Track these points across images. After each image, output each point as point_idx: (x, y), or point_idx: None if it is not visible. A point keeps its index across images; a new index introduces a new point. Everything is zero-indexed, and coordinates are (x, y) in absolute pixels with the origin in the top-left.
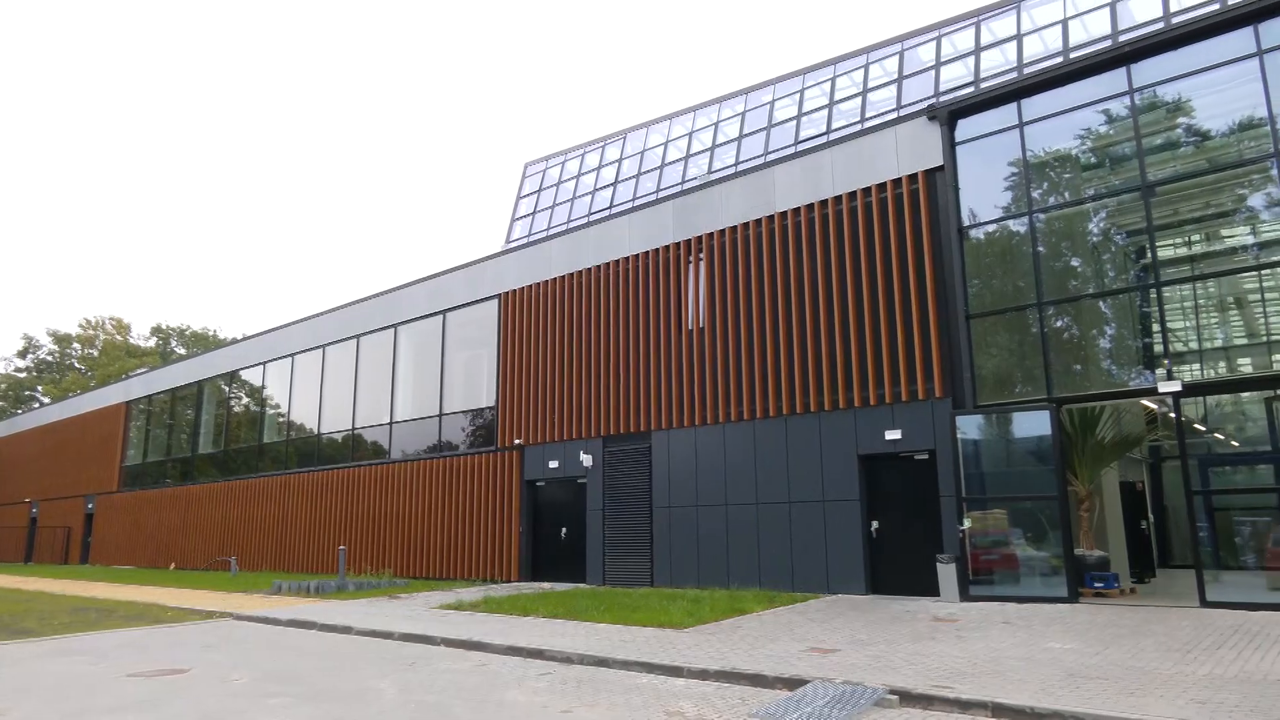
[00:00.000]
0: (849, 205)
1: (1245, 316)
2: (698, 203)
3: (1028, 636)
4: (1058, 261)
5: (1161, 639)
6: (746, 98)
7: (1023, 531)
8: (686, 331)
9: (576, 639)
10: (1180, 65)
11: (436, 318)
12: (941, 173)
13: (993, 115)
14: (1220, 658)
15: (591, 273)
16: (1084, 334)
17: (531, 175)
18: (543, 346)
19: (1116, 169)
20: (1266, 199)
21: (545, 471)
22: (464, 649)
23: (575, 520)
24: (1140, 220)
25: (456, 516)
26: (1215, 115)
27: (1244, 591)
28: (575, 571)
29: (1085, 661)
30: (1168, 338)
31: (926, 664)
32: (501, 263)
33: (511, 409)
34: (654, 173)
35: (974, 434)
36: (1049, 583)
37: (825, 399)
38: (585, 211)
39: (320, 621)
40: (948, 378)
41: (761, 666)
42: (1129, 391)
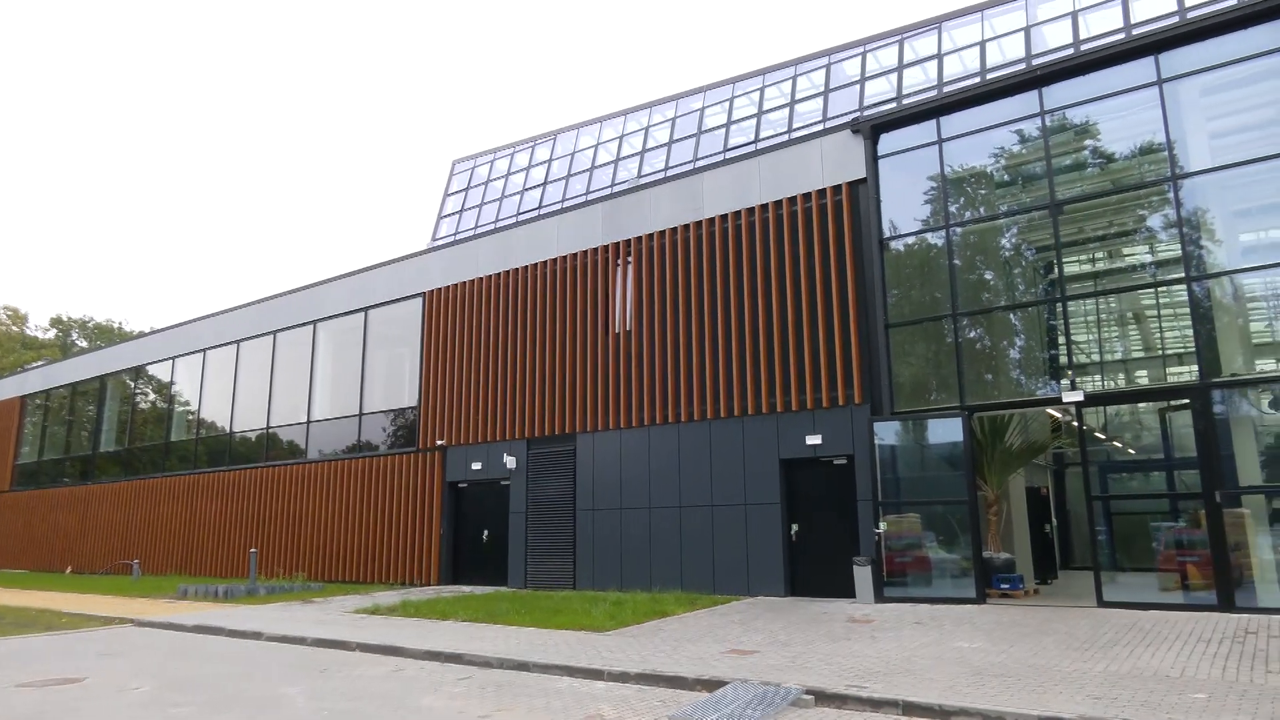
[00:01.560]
0: (775, 214)
1: (1143, 331)
2: (627, 206)
3: (938, 636)
4: (972, 274)
5: (1062, 637)
6: (677, 104)
7: (935, 535)
8: (614, 334)
9: (496, 642)
10: (1088, 90)
11: (358, 315)
12: (864, 185)
13: (914, 131)
14: (1115, 655)
15: (519, 273)
16: (995, 345)
17: (460, 173)
18: (468, 346)
19: (1028, 187)
20: (1164, 220)
21: (468, 473)
22: (380, 654)
23: (498, 522)
24: (1049, 237)
25: (375, 518)
26: (1119, 139)
27: (1137, 592)
28: (497, 574)
29: (991, 660)
30: (1072, 350)
31: (842, 664)
32: (427, 260)
33: (434, 409)
34: (584, 175)
35: (891, 440)
36: (959, 584)
37: (749, 403)
38: (514, 211)
39: (228, 627)
40: (867, 385)
41: (682, 668)
42: (1036, 400)
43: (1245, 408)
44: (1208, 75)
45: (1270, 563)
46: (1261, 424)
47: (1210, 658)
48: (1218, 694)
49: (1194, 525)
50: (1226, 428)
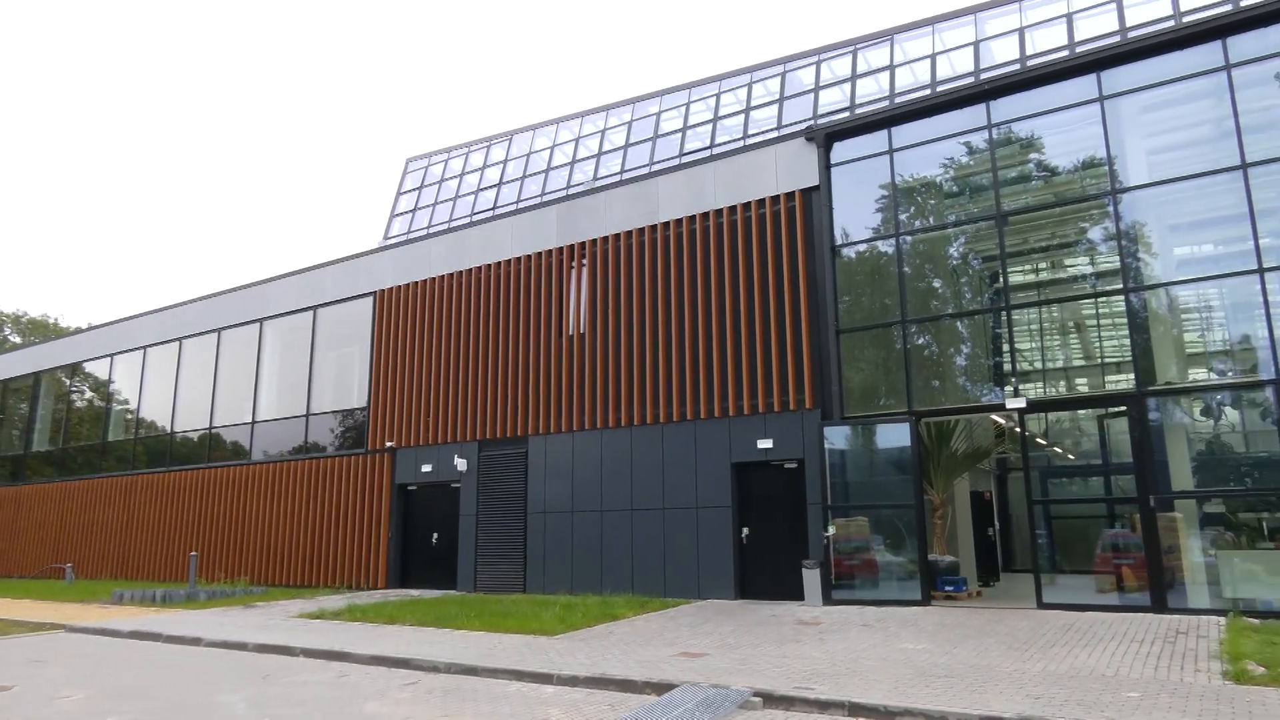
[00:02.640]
0: (729, 219)
1: (1083, 340)
2: (582, 208)
3: (884, 638)
4: (921, 282)
5: (1003, 638)
6: (634, 107)
7: (883, 538)
8: (567, 337)
9: (444, 647)
10: (1033, 105)
11: (306, 313)
12: (817, 192)
13: (866, 140)
14: (1053, 655)
15: (472, 274)
16: (943, 351)
17: (413, 171)
18: (419, 347)
19: (975, 197)
20: (1104, 233)
21: (418, 475)
22: (325, 659)
23: (447, 525)
24: (995, 247)
25: (321, 521)
26: (1062, 153)
27: (1075, 594)
28: (446, 578)
29: (935, 660)
30: (1015, 357)
31: (790, 666)
32: (378, 259)
33: (384, 410)
34: (539, 176)
35: (840, 444)
36: (905, 586)
37: (701, 407)
38: (468, 211)
39: (166, 633)
40: (818, 389)
41: (631, 672)
42: (981, 407)
43: (1179, 415)
44: (1146, 94)
45: (1200, 565)
46: (1194, 431)
47: (1143, 657)
48: (1149, 693)
49: (1130, 529)
50: (1161, 434)
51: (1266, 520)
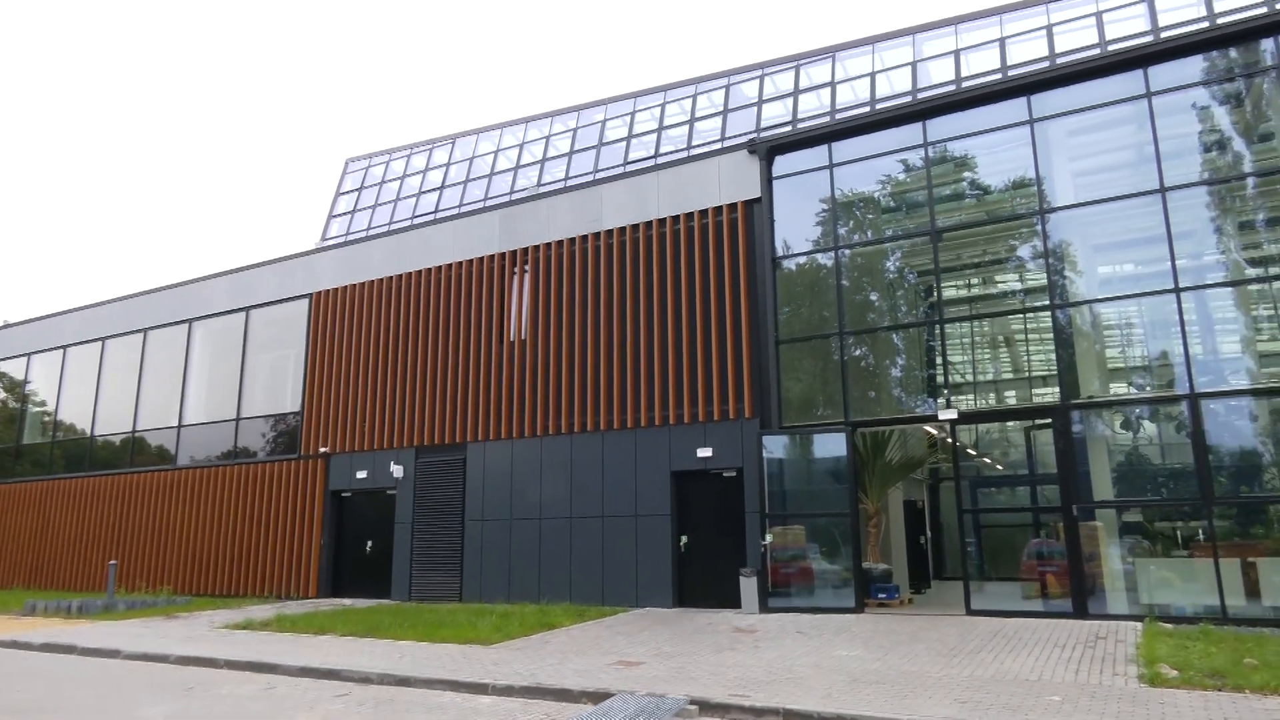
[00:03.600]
0: (672, 228)
1: (1012, 354)
2: (525, 214)
3: (819, 645)
4: (859, 295)
5: (933, 644)
6: (579, 114)
7: (818, 546)
8: (508, 343)
9: (377, 657)
10: (967, 125)
11: (239, 314)
12: (759, 204)
13: (807, 154)
14: (980, 660)
15: (412, 277)
16: (879, 363)
17: (353, 172)
18: (356, 351)
19: (911, 214)
20: (1032, 250)
21: (352, 482)
22: (251, 671)
23: (382, 533)
24: (929, 262)
25: (251, 528)
26: (994, 172)
27: (1002, 600)
28: (380, 587)
29: (868, 667)
30: (948, 370)
31: (726, 674)
32: (316, 260)
33: (319, 415)
34: (482, 181)
35: (779, 453)
36: (839, 594)
37: (642, 415)
38: (409, 214)
39: (82, 645)
40: (757, 399)
41: (568, 681)
42: (915, 418)
43: (1100, 428)
44: (1073, 118)
45: (1119, 572)
46: (1114, 443)
47: (1065, 662)
48: (1070, 696)
49: (1054, 538)
50: (1084, 446)
51: (1180, 529)
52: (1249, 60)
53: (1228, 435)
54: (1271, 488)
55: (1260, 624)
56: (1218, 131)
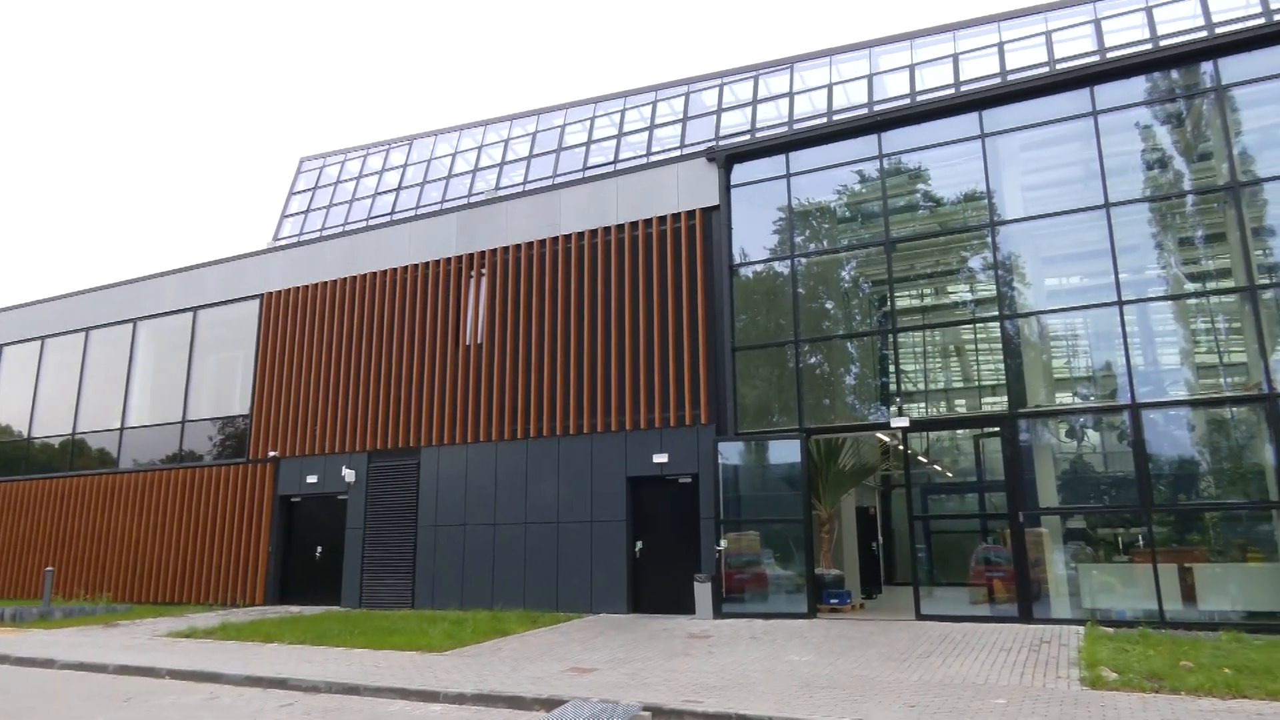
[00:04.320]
0: (631, 234)
1: (963, 363)
2: (483, 217)
3: (771, 650)
4: (814, 303)
5: (884, 649)
6: (539, 118)
7: (772, 552)
8: (464, 347)
9: (325, 666)
10: (921, 138)
11: (186, 314)
12: (717, 212)
13: (765, 163)
14: (929, 665)
15: (366, 279)
16: (833, 371)
17: (307, 171)
18: (308, 353)
19: (866, 224)
20: (983, 262)
21: (302, 486)
22: (193, 681)
23: (333, 539)
24: (883, 272)
25: (196, 534)
26: (947, 185)
27: (951, 605)
28: (329, 594)
29: (820, 672)
30: (900, 378)
31: (680, 680)
32: (267, 260)
33: (268, 418)
34: (440, 183)
35: (734, 459)
36: (792, 599)
37: (599, 421)
38: (364, 215)
39: (15, 654)
40: (713, 405)
41: (521, 688)
42: (868, 425)
43: (1046, 436)
44: (1023, 133)
45: (1063, 577)
46: (1059, 451)
47: (1011, 665)
48: (1015, 699)
49: (1001, 544)
50: (1030, 454)
51: (1122, 535)
52: (1190, 82)
53: (1167, 444)
54: (1207, 495)
55: (1196, 627)
56: (1160, 150)
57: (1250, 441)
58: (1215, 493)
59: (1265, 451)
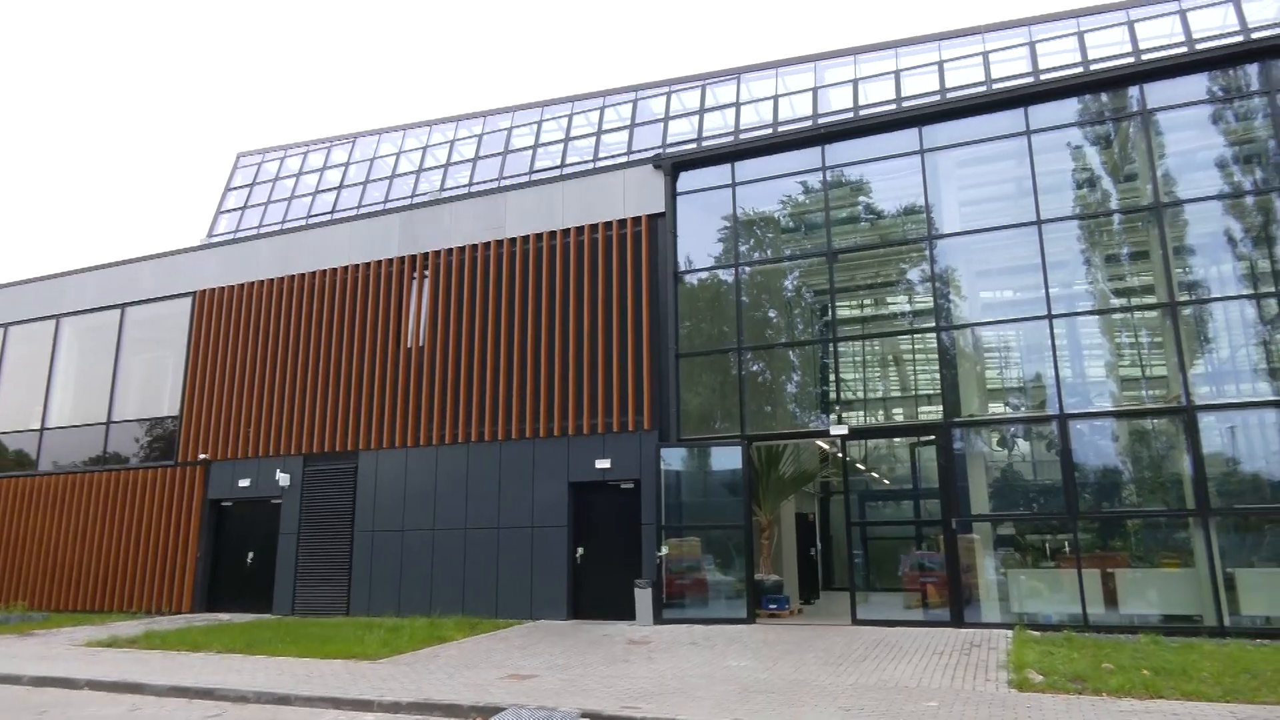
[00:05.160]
0: (576, 239)
1: (900, 373)
2: (427, 218)
3: (710, 656)
4: (758, 312)
5: (820, 653)
6: (485, 120)
7: (713, 558)
8: (405, 349)
9: (255, 675)
10: (864, 151)
11: (113, 311)
12: (663, 219)
13: (711, 172)
14: (864, 668)
15: (305, 278)
16: (775, 379)
17: (245, 167)
18: (242, 353)
19: (809, 234)
20: (921, 274)
21: (234, 490)
22: (114, 692)
23: (266, 544)
24: (825, 282)
25: (120, 539)
26: (888, 198)
27: (886, 610)
28: (261, 601)
29: (757, 677)
30: (840, 387)
31: (619, 686)
32: (201, 258)
33: (199, 420)
34: (382, 183)
35: (676, 465)
36: (732, 605)
37: (541, 426)
38: (303, 213)
39: None
40: (656, 411)
41: (458, 696)
42: (808, 432)
43: (979, 445)
44: (961, 150)
45: (993, 582)
46: (991, 460)
47: (942, 668)
48: (946, 701)
49: (935, 549)
50: (964, 462)
51: (1049, 542)
52: (1118, 105)
53: (1092, 454)
54: (1129, 503)
55: (1117, 630)
56: (1089, 170)
57: (1169, 452)
58: (1136, 501)
59: (1183, 461)
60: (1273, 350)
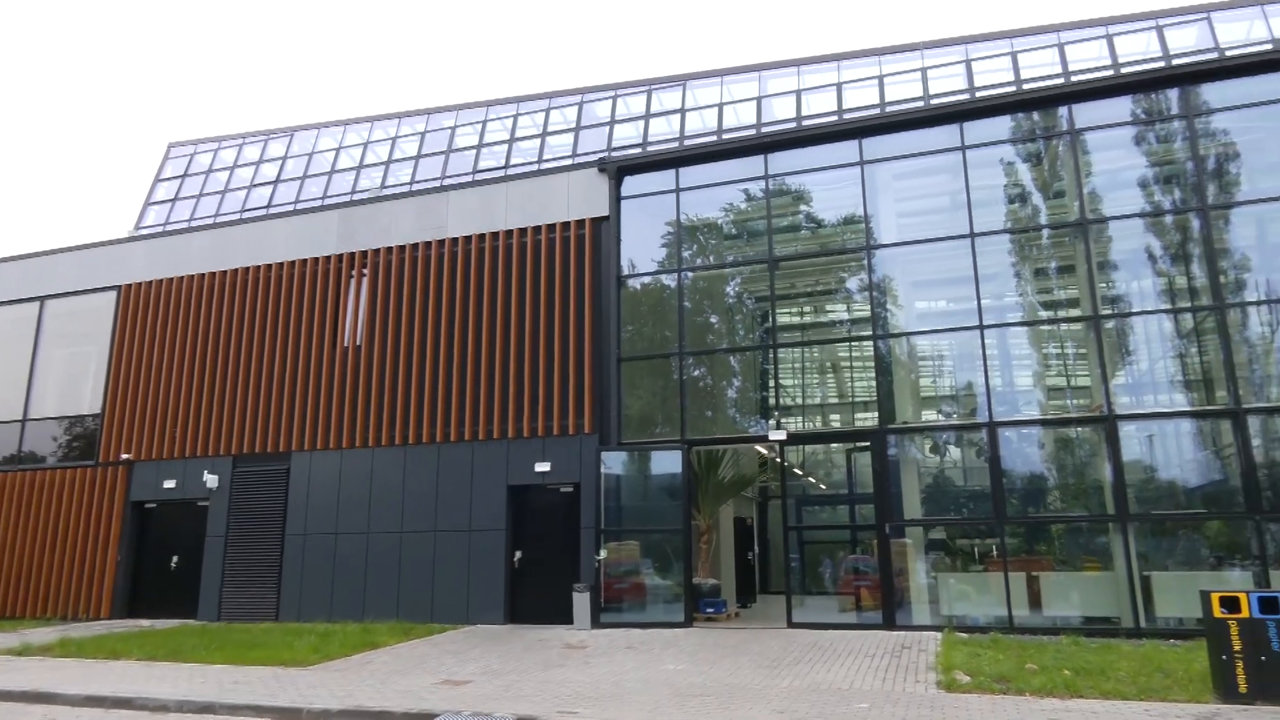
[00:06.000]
0: (519, 241)
1: (838, 380)
2: (366, 216)
3: (647, 659)
4: (700, 317)
5: (756, 657)
6: (429, 118)
7: (652, 561)
8: (342, 349)
9: (177, 683)
10: (805, 161)
11: (30, 304)
12: (607, 222)
13: (656, 177)
14: (799, 671)
15: (238, 274)
16: (715, 384)
17: (176, 158)
18: (170, 349)
19: (751, 241)
20: (859, 283)
21: (159, 492)
22: (24, 702)
23: (191, 548)
24: (766, 289)
25: (33, 542)
26: (828, 208)
27: (821, 613)
28: (186, 606)
29: (693, 680)
30: (779, 393)
31: (555, 691)
32: (128, 250)
33: (122, 419)
34: (321, 178)
35: (616, 469)
36: (669, 609)
37: (480, 428)
38: (237, 207)
39: None
40: (597, 415)
41: (390, 703)
42: (747, 437)
43: (912, 451)
44: (899, 163)
45: (924, 586)
46: (924, 466)
47: (874, 670)
48: (877, 703)
49: (869, 554)
50: (898, 468)
51: (978, 546)
52: (1048, 124)
53: (1019, 461)
54: (1054, 509)
55: (1041, 632)
56: (1020, 186)
57: (1092, 459)
58: (1061, 506)
59: (1104, 469)
60: (1188, 363)
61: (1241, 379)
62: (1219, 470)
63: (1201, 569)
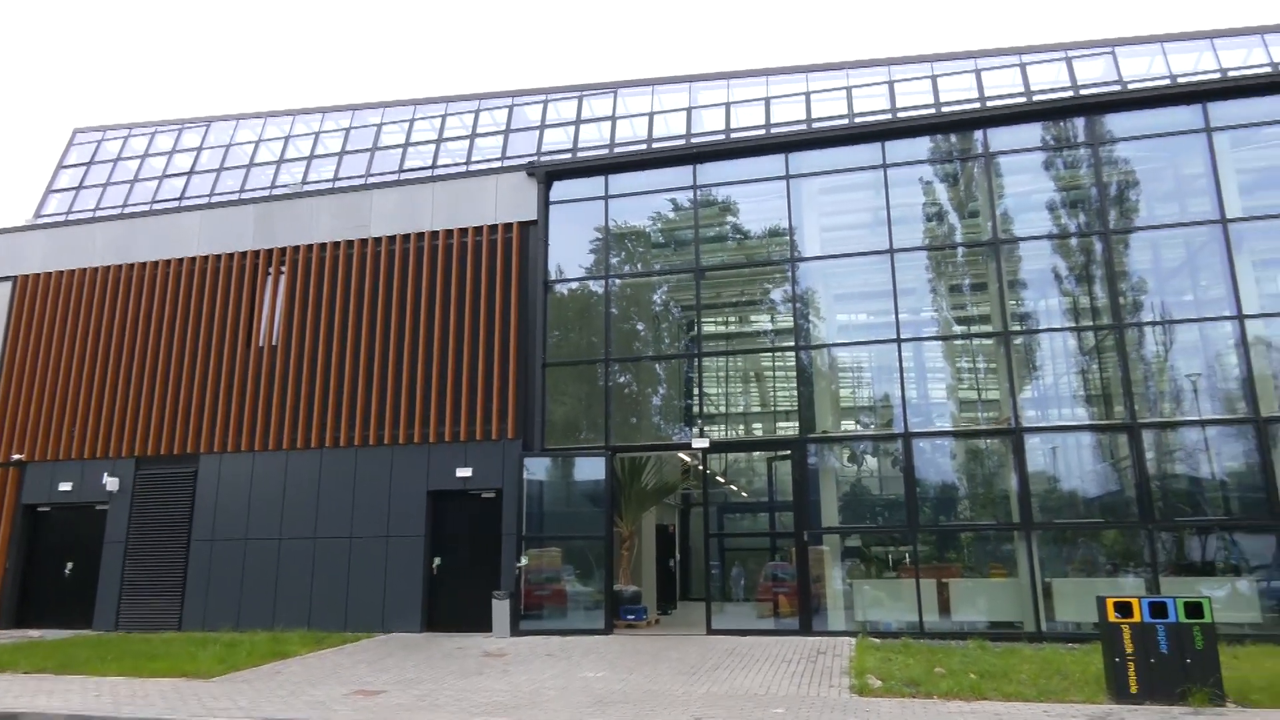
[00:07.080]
0: (445, 242)
1: (761, 389)
2: (285, 212)
3: (567, 667)
4: (626, 324)
5: (675, 663)
6: (353, 114)
7: (573, 568)
8: (256, 348)
9: (69, 697)
10: (733, 173)
11: None
12: (535, 227)
13: (585, 183)
14: (717, 677)
15: (146, 268)
16: (640, 391)
17: (82, 144)
18: (69, 345)
19: (678, 250)
20: (784, 294)
21: (53, 494)
22: None
23: (88, 554)
24: (692, 298)
25: None
26: (754, 219)
27: (740, 620)
28: (80, 616)
29: (612, 688)
30: (703, 401)
31: (472, 700)
32: (24, 239)
33: (14, 416)
34: (238, 171)
35: (539, 475)
36: (590, 616)
37: (401, 432)
38: (148, 198)
39: None
40: (521, 420)
41: (299, 714)
42: (671, 445)
43: (831, 460)
44: (824, 178)
45: (840, 592)
46: (841, 475)
47: (790, 676)
48: (792, 707)
49: (788, 561)
50: (817, 476)
51: (891, 553)
52: (965, 146)
53: (932, 470)
54: (964, 517)
55: (949, 636)
56: (938, 205)
57: (999, 470)
58: (970, 515)
59: (1011, 479)
60: (1089, 379)
61: (1137, 395)
62: (1115, 481)
63: (1098, 575)
